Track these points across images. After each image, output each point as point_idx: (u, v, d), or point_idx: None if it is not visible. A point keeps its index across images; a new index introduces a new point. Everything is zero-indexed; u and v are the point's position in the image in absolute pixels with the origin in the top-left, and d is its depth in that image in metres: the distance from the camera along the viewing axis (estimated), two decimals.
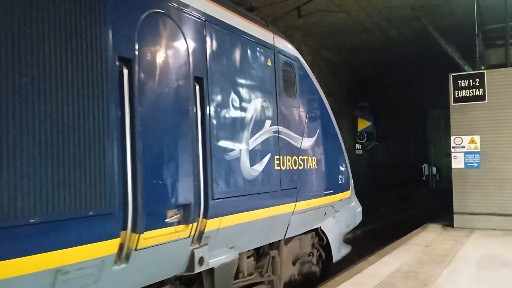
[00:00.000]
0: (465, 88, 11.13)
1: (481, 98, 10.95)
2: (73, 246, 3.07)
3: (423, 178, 30.39)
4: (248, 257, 5.55)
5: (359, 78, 19.70)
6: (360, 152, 19.87)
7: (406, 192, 24.88)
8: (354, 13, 12.73)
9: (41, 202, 2.85)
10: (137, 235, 3.52)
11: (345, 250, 7.91)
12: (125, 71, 3.52)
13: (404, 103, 26.26)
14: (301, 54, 6.97)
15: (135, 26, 3.65)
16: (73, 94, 3.14)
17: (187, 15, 4.31)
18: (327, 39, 14.88)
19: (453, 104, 11.31)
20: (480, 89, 10.95)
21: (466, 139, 11.14)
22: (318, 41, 15.02)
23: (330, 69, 16.85)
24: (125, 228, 3.45)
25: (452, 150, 11.40)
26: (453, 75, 11.35)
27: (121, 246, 3.45)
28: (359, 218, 8.54)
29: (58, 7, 3.06)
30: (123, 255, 3.48)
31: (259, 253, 5.92)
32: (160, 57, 3.92)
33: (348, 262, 8.61)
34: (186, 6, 4.30)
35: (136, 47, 3.62)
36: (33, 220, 2.79)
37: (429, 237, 10.10)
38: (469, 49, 12.36)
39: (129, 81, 3.54)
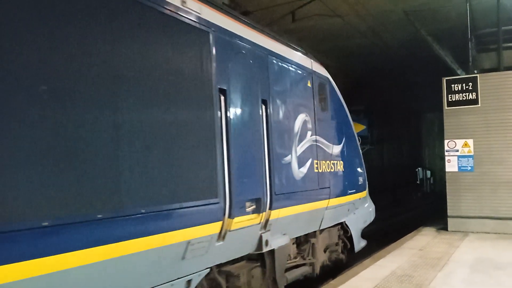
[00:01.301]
0: (458, 92, 11.19)
1: (474, 102, 11.02)
2: (196, 226, 4.25)
3: (418, 182, 30.48)
4: (292, 244, 6.62)
5: (353, 82, 19.75)
6: None
7: (400, 196, 24.94)
8: (348, 17, 12.79)
9: (183, 193, 4.09)
10: (231, 219, 4.72)
11: (362, 243, 9.04)
12: (222, 97, 4.73)
13: (398, 107, 26.37)
14: None
15: (227, 66, 4.90)
16: (198, 116, 4.40)
17: (256, 51, 5.56)
18: (321, 43, 14.92)
19: (446, 108, 11.37)
20: (473, 93, 11.02)
21: (460, 142, 11.19)
22: (312, 45, 15.05)
23: None
24: (224, 214, 4.62)
25: (446, 153, 11.45)
26: (446, 79, 11.41)
27: (221, 228, 4.61)
28: (373, 216, 9.66)
29: (188, 57, 4.33)
30: (222, 234, 4.65)
31: (298, 241, 6.90)
32: (242, 87, 5.13)
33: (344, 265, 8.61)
34: (256, 44, 5.58)
35: (228, 80, 4.86)
36: (178, 206, 4.01)
37: (423, 240, 10.13)
38: (462, 53, 12.44)
39: (225, 106, 4.75)
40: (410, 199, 25.96)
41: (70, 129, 3.12)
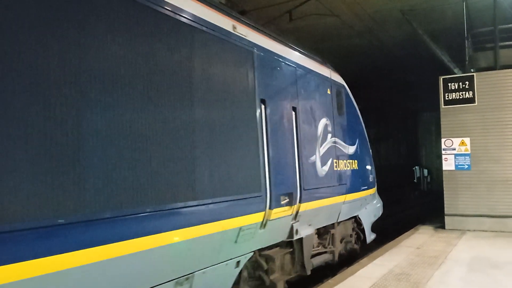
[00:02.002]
0: (455, 90, 11.23)
1: (471, 100, 11.06)
2: (246, 215, 5.05)
3: (415, 180, 30.51)
4: (315, 234, 7.36)
5: (350, 81, 19.74)
6: None
7: (398, 195, 24.97)
8: (345, 17, 12.80)
9: (238, 188, 4.91)
10: (270, 210, 5.49)
11: (372, 235, 9.86)
12: (263, 106, 5.55)
13: (395, 106, 26.40)
14: None
15: (266, 79, 5.71)
16: (246, 124, 5.21)
17: (288, 65, 6.40)
18: (318, 43, 14.92)
19: (443, 106, 11.41)
20: (470, 92, 11.06)
21: (457, 141, 11.23)
22: (309, 44, 15.04)
23: None
24: (265, 206, 5.41)
25: (443, 152, 11.49)
26: (443, 78, 11.45)
27: (263, 217, 5.40)
28: (381, 211, 10.46)
29: (237, 79, 5.16)
30: (263, 223, 5.44)
31: (319, 232, 7.63)
32: (277, 96, 5.97)
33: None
34: (287, 59, 6.41)
35: (267, 92, 5.67)
36: (235, 197, 4.82)
37: (420, 239, 10.16)
38: (459, 52, 12.47)
39: (265, 112, 5.57)
40: (407, 197, 25.99)
41: (168, 129, 4.01)
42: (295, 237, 6.32)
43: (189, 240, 4.19)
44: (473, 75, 11.15)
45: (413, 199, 26.22)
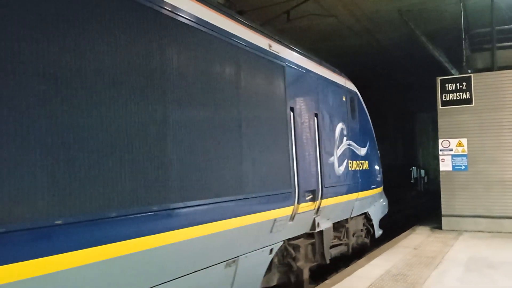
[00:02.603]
0: (452, 91, 11.25)
1: (468, 101, 11.08)
2: (280, 208, 5.80)
3: (412, 181, 30.56)
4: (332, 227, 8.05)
5: None
6: None
7: (395, 195, 24.99)
8: (343, 17, 12.83)
9: (274, 184, 5.69)
10: (298, 205, 6.22)
11: (380, 231, 10.58)
12: (291, 113, 6.34)
13: (393, 107, 26.45)
14: None
15: (293, 90, 6.51)
16: (280, 130, 6.01)
17: (311, 76, 7.23)
18: (316, 43, 14.95)
19: (440, 107, 11.42)
20: (467, 93, 11.08)
21: (454, 142, 11.25)
22: (307, 45, 15.08)
23: None
24: (294, 201, 6.14)
25: (440, 153, 11.51)
26: (440, 79, 11.46)
27: (293, 211, 6.12)
28: (387, 209, 11.31)
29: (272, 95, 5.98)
30: (292, 216, 6.17)
31: (335, 226, 8.20)
32: (302, 104, 6.77)
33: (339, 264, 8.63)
34: (310, 71, 7.24)
35: (294, 101, 6.47)
36: (272, 193, 5.60)
37: (418, 239, 10.17)
38: (456, 53, 12.52)
39: (293, 118, 6.37)
40: (404, 198, 26.01)
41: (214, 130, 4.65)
42: (317, 229, 7.11)
43: (237, 228, 4.93)
44: (470, 76, 11.17)
45: (410, 200, 26.25)
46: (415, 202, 25.21)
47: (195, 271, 4.49)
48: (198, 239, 4.31)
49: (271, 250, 6.04)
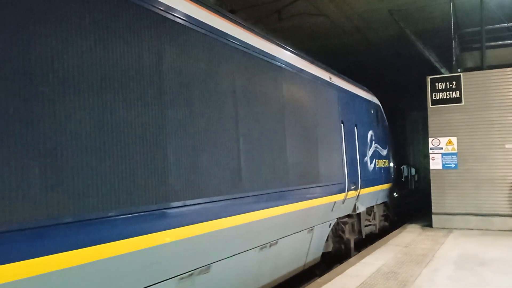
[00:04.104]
0: (442, 90, 11.33)
1: (458, 100, 11.16)
2: (337, 194, 8.10)
3: (403, 179, 30.68)
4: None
5: None
6: None
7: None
8: (334, 16, 12.84)
9: (334, 176, 8.10)
10: (347, 192, 8.52)
11: (395, 216, 13.25)
12: (342, 125, 8.65)
13: (383, 105, 26.53)
14: None
15: (342, 107, 8.78)
16: (336, 137, 8.36)
17: (352, 96, 9.58)
18: (307, 42, 14.95)
19: (430, 106, 11.50)
20: (457, 92, 11.16)
21: (444, 140, 11.33)
22: (298, 44, 15.07)
23: None
24: (345, 189, 8.45)
25: (430, 151, 11.59)
26: (430, 78, 11.54)
27: (344, 197, 8.41)
28: (398, 200, 13.84)
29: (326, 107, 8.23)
30: (343, 200, 8.42)
31: (365, 211, 10.39)
32: (348, 118, 9.06)
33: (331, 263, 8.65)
34: (351, 93, 9.58)
35: (343, 116, 8.80)
36: (334, 182, 8.03)
37: (408, 237, 10.23)
38: (446, 52, 12.58)
39: (344, 130, 8.69)
40: (396, 196, 26.09)
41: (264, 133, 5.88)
42: (357, 211, 9.48)
43: (316, 206, 7.20)
44: (460, 75, 11.25)
45: (401, 198, 26.34)
46: (405, 200, 25.32)
47: (294, 233, 6.68)
48: (294, 212, 6.42)
49: (330, 224, 8.34)
